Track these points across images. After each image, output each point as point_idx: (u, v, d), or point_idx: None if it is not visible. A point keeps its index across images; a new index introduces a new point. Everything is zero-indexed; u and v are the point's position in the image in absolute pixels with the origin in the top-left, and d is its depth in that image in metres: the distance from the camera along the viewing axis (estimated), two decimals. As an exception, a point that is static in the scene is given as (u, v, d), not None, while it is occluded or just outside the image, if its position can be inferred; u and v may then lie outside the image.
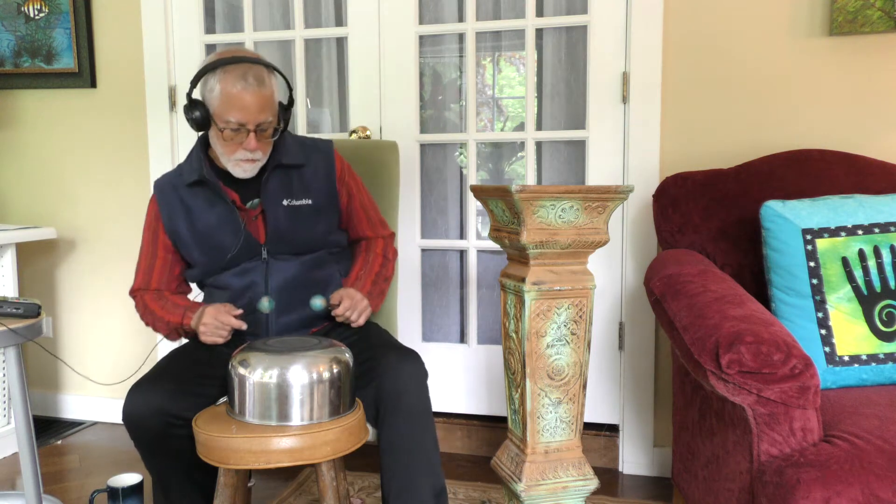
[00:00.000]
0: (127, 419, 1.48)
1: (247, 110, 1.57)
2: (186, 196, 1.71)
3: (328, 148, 1.80)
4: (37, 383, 2.88)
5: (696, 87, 2.18)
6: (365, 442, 1.47)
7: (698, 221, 1.95)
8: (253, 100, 1.57)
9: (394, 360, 1.54)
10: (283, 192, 1.71)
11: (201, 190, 1.70)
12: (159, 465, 1.53)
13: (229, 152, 1.63)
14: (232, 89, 1.56)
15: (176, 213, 1.72)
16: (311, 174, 1.75)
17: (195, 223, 1.70)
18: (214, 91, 1.59)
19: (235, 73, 1.57)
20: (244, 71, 1.57)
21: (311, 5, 2.56)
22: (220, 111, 1.59)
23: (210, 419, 1.43)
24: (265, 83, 1.60)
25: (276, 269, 1.70)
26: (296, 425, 1.37)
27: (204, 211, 1.70)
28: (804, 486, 1.19)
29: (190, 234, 1.71)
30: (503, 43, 2.59)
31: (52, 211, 2.80)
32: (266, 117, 1.60)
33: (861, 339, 1.55)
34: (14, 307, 1.57)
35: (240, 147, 1.61)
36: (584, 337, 1.42)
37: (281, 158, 1.71)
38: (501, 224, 1.43)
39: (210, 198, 1.70)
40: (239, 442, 1.34)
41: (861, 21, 2.00)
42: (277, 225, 1.69)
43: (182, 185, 1.72)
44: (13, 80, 2.74)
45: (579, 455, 1.44)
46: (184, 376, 1.54)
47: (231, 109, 1.57)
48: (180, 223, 1.72)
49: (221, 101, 1.58)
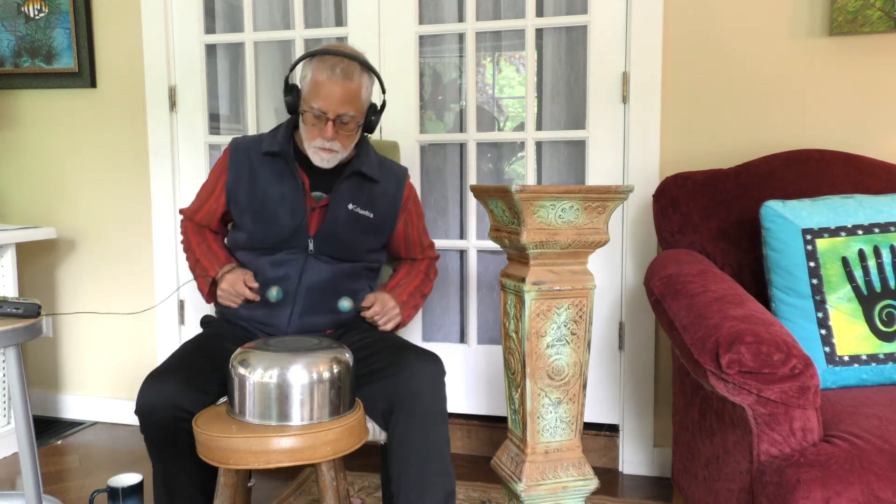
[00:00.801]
0: (139, 409, 1.48)
1: (329, 99, 1.64)
2: (258, 163, 1.75)
3: (402, 173, 1.88)
4: (37, 383, 2.88)
5: (696, 87, 2.18)
6: (365, 442, 1.47)
7: (698, 221, 1.95)
8: (337, 90, 1.64)
9: (412, 360, 1.54)
10: (351, 197, 1.75)
11: (275, 163, 1.74)
12: (165, 459, 1.52)
13: (310, 137, 1.69)
14: (319, 77, 1.64)
15: (242, 175, 1.76)
16: (380, 192, 1.80)
17: (256, 190, 1.74)
18: (306, 78, 1.68)
19: (327, 63, 1.65)
20: (335, 62, 1.65)
21: (311, 5, 2.56)
22: (307, 97, 1.67)
23: (210, 419, 1.43)
24: (353, 78, 1.65)
25: (312, 267, 1.73)
26: (296, 425, 1.37)
27: (270, 183, 1.74)
28: (804, 486, 1.19)
29: (248, 199, 1.75)
30: (503, 43, 2.59)
31: (52, 211, 2.80)
32: (347, 110, 1.66)
33: (861, 339, 1.55)
34: (14, 307, 1.57)
35: (319, 134, 1.67)
36: (584, 337, 1.42)
37: (361, 167, 1.76)
38: (501, 224, 1.43)
39: (281, 172, 1.74)
40: (239, 442, 1.34)
41: (861, 21, 2.00)
42: (335, 223, 1.73)
43: (258, 152, 1.76)
44: (13, 79, 2.74)
45: (579, 455, 1.44)
46: (196, 371, 1.55)
47: (316, 97, 1.65)
48: (242, 185, 1.76)
49: (309, 88, 1.66)
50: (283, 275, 1.73)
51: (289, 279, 1.72)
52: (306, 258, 1.73)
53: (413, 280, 1.88)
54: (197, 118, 2.62)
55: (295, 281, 1.72)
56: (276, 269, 1.73)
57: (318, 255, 1.74)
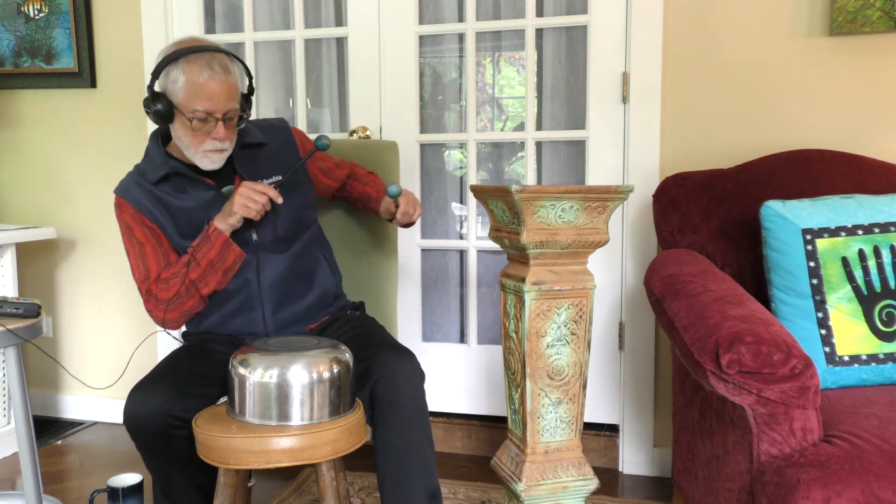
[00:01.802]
0: (128, 420, 1.47)
1: (215, 99, 1.55)
2: (157, 193, 1.66)
3: (283, 123, 1.83)
4: (37, 383, 2.88)
5: (696, 87, 2.18)
6: (364, 442, 1.47)
7: (698, 221, 1.95)
8: (220, 88, 1.55)
9: (390, 361, 1.52)
10: (252, 174, 1.69)
11: (172, 183, 1.66)
12: (160, 466, 1.53)
13: (197, 143, 1.60)
14: (198, 78, 1.54)
15: (155, 210, 1.65)
16: (274, 151, 1.75)
17: (174, 211, 1.65)
18: (178, 82, 1.55)
19: (200, 62, 1.55)
20: (209, 59, 1.55)
21: (311, 5, 2.56)
22: (186, 101, 1.55)
23: (210, 419, 1.43)
24: (230, 71, 1.59)
25: (265, 261, 1.68)
26: (296, 425, 1.37)
27: (179, 199, 1.65)
28: (804, 486, 1.19)
29: (174, 228, 1.66)
30: (503, 43, 2.59)
31: (52, 211, 2.80)
32: (233, 105, 1.59)
33: (861, 339, 1.55)
34: (14, 307, 1.57)
35: (208, 137, 1.59)
36: (584, 337, 1.42)
37: (244, 139, 1.70)
38: (501, 224, 1.43)
39: (183, 186, 1.66)
40: (239, 442, 1.34)
41: (861, 21, 2.00)
42: None
43: (147, 184, 1.66)
44: (13, 80, 2.74)
45: (579, 455, 1.44)
46: (184, 377, 1.54)
47: (198, 99, 1.54)
48: (164, 219, 1.65)
49: (188, 91, 1.55)
50: (243, 281, 1.67)
51: (248, 283, 1.67)
52: (257, 254, 1.67)
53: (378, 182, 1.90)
54: (197, 118, 2.62)
55: (255, 282, 1.67)
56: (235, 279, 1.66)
57: (266, 245, 1.68)
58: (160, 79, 1.59)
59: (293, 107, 2.66)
